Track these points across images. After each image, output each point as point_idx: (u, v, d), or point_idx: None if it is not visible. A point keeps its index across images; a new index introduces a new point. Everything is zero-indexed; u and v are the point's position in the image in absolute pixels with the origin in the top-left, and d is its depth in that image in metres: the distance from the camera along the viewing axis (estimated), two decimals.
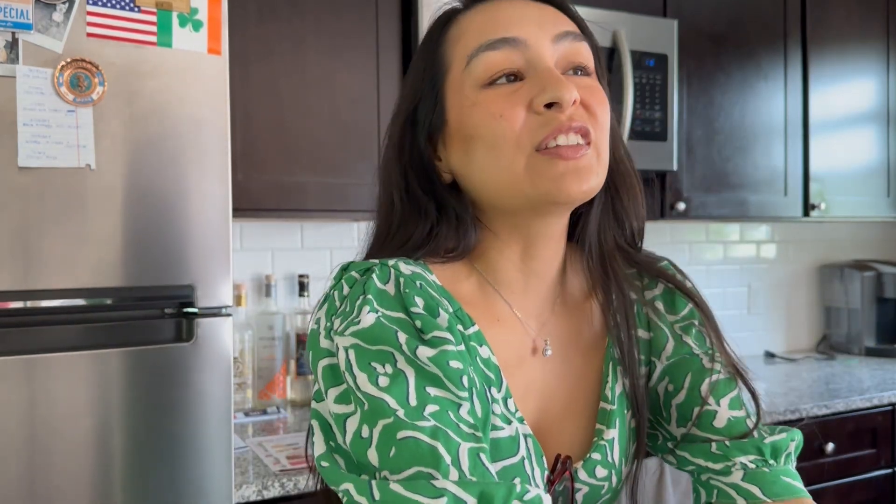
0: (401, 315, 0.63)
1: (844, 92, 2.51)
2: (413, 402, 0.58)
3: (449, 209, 0.70)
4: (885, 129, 2.60)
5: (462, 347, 0.62)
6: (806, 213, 2.44)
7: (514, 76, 0.65)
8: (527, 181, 0.64)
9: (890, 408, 2.17)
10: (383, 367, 0.60)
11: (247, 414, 1.91)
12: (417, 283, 0.65)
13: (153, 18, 1.24)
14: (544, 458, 0.68)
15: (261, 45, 1.68)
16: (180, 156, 1.27)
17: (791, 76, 2.41)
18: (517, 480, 0.59)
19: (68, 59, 1.18)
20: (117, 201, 1.22)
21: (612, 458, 0.72)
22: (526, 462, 0.66)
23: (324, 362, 0.64)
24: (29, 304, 1.19)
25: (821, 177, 2.46)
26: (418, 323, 0.62)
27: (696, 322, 0.76)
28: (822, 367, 2.59)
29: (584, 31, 0.70)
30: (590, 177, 0.64)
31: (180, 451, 1.27)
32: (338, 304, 0.65)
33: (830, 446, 2.05)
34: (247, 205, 1.66)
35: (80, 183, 1.20)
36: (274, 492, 1.44)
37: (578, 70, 0.68)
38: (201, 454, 1.28)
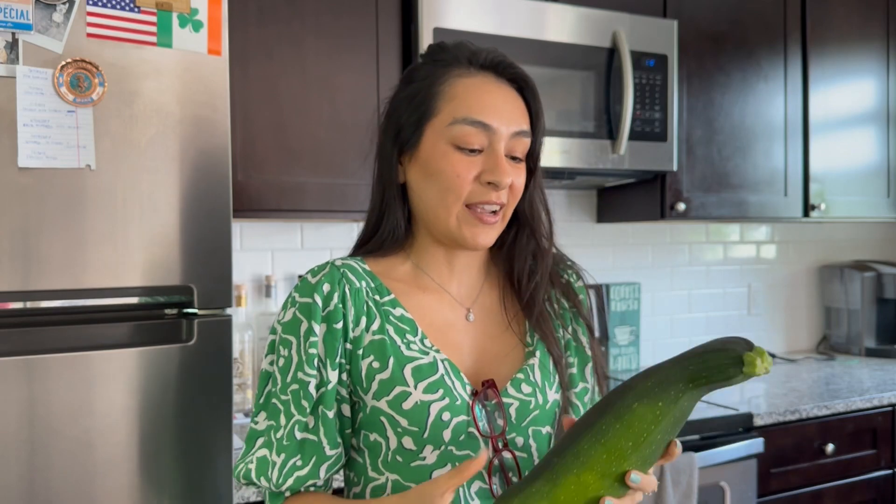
0: (308, 300, 0.91)
1: (844, 92, 2.51)
2: (288, 379, 0.91)
3: (395, 206, 0.96)
4: (885, 129, 2.60)
5: (340, 324, 0.91)
6: (806, 214, 2.44)
7: (476, 151, 0.92)
8: (454, 224, 0.93)
9: (890, 408, 2.17)
10: (284, 349, 0.92)
11: (247, 414, 1.91)
12: (342, 270, 0.93)
13: (153, 19, 1.24)
14: (462, 375, 0.92)
15: (261, 45, 1.68)
16: (180, 156, 1.27)
17: (791, 76, 2.41)
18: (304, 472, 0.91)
19: (68, 60, 1.18)
20: (117, 201, 1.22)
21: (535, 378, 0.96)
22: (445, 377, 0.91)
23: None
24: (29, 304, 1.19)
25: (821, 177, 2.46)
26: (318, 300, 0.90)
27: (582, 313, 1.05)
28: (822, 368, 2.59)
29: (534, 118, 0.96)
30: (492, 234, 0.94)
31: (180, 452, 1.27)
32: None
33: (830, 447, 2.05)
34: (247, 205, 1.66)
35: (80, 183, 1.20)
36: None
37: (516, 158, 0.94)
38: (201, 454, 1.28)
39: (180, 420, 1.27)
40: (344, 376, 0.92)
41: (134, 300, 1.25)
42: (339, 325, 0.91)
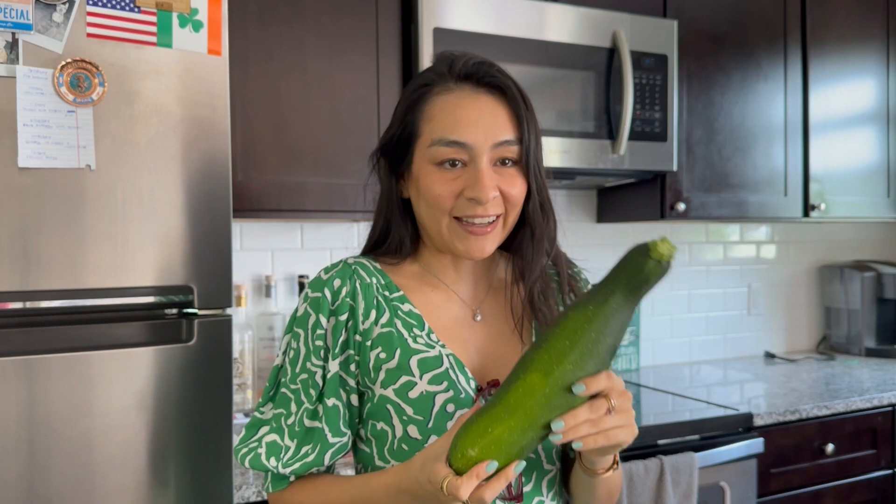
0: (318, 295, 0.95)
1: (844, 92, 2.51)
2: (297, 369, 0.96)
3: (399, 221, 1.00)
4: (885, 129, 2.60)
5: (346, 316, 0.95)
6: (806, 214, 2.44)
7: (459, 163, 0.93)
8: (447, 236, 0.95)
9: (890, 408, 2.17)
10: (294, 342, 0.97)
11: (247, 414, 1.91)
12: (353, 267, 0.97)
13: (153, 19, 1.24)
14: (467, 370, 0.95)
15: (261, 45, 1.68)
16: (180, 156, 1.27)
17: (791, 76, 2.41)
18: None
19: (68, 60, 1.18)
20: (117, 201, 1.22)
21: None
22: (450, 370, 0.94)
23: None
24: (28, 304, 1.19)
25: (821, 177, 2.46)
26: (328, 294, 0.95)
27: None
28: (822, 368, 2.59)
29: (521, 123, 0.94)
30: (487, 244, 0.95)
31: (180, 452, 1.27)
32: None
33: (830, 447, 2.05)
34: (247, 205, 1.66)
35: (80, 183, 1.20)
36: None
37: (507, 162, 0.94)
38: (201, 455, 1.28)
39: (180, 420, 1.27)
40: (352, 367, 0.95)
41: (134, 300, 1.25)
42: (345, 318, 0.95)
